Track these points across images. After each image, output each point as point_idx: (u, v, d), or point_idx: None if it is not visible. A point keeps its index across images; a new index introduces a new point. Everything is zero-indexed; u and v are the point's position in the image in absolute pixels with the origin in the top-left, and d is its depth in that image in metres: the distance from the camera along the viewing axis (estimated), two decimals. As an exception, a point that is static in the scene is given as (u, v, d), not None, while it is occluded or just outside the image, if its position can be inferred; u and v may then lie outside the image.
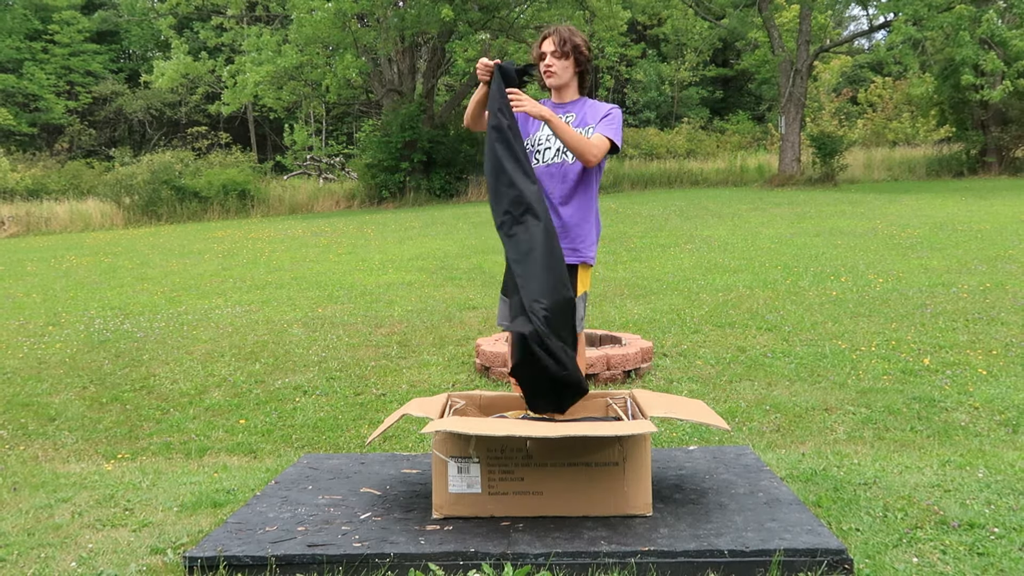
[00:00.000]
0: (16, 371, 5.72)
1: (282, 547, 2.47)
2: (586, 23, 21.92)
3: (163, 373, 5.50)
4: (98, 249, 13.96)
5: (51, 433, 4.51)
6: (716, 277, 7.96)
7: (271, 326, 6.71)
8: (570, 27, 3.29)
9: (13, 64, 31.43)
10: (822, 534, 2.46)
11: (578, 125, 3.24)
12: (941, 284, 7.07)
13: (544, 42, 3.22)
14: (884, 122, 25.41)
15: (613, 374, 4.76)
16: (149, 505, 3.08)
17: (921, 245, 9.32)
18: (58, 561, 2.58)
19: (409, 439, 4.09)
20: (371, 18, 20.99)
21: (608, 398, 3.19)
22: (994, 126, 20.53)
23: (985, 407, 4.14)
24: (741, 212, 13.76)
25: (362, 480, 3.12)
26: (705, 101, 34.40)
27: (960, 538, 2.51)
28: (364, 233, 13.93)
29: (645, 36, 31.73)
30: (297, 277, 9.37)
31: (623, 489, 2.65)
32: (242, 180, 21.11)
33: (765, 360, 5.10)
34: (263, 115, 32.24)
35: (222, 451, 4.10)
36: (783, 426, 4.04)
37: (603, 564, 2.37)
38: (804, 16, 20.44)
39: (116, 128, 34.64)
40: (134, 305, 8.06)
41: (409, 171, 21.12)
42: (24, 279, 10.49)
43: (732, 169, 22.69)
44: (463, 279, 8.59)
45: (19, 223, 19.60)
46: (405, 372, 5.24)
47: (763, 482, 2.95)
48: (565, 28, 3.26)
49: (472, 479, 2.66)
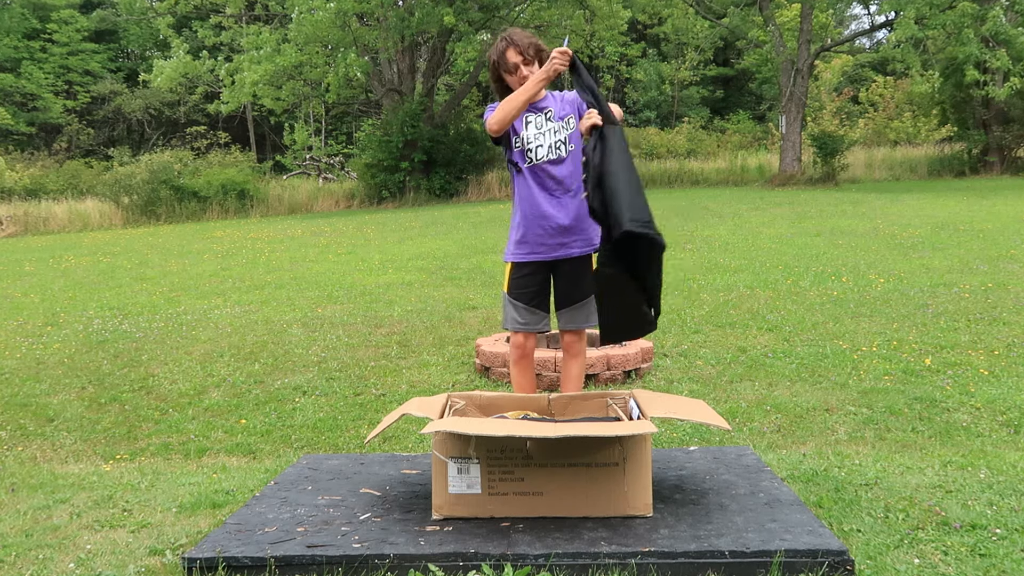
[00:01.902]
0: (14, 371, 5.70)
1: (281, 548, 2.46)
2: (586, 22, 21.92)
3: (162, 373, 5.49)
4: (96, 249, 13.96)
5: (49, 434, 4.50)
6: (717, 277, 7.95)
7: (270, 326, 6.70)
8: (518, 30, 3.35)
9: (11, 63, 31.43)
10: (823, 535, 2.45)
11: (557, 119, 3.28)
12: (943, 284, 7.06)
13: (509, 53, 3.23)
14: (885, 121, 25.41)
15: (613, 374, 4.75)
16: (148, 506, 3.07)
17: (922, 245, 9.31)
18: (56, 562, 2.56)
19: (409, 439, 4.08)
20: (371, 18, 20.98)
21: (608, 398, 3.18)
22: (996, 125, 20.53)
23: (987, 408, 4.12)
24: (742, 212, 13.75)
25: (362, 481, 3.10)
26: (705, 101, 34.40)
27: (962, 539, 2.50)
28: (364, 233, 13.92)
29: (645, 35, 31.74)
30: (296, 277, 9.36)
31: (623, 490, 2.64)
32: (241, 180, 21.11)
33: (766, 360, 5.09)
34: (262, 115, 32.24)
35: (221, 452, 4.09)
36: (784, 426, 4.03)
37: (603, 565, 2.36)
38: (805, 15, 20.44)
39: (115, 128, 34.64)
40: (133, 305, 8.05)
41: (409, 171, 21.11)
42: (22, 279, 10.48)
43: (733, 169, 22.70)
44: (463, 279, 8.58)
45: (17, 223, 19.60)
46: (405, 372, 5.23)
47: (764, 483, 2.93)
48: (518, 34, 3.30)
49: (472, 480, 2.65)
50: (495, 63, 3.28)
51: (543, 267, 3.34)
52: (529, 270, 3.33)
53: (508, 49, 3.22)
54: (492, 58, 3.30)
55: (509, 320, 3.40)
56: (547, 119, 3.29)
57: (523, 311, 3.35)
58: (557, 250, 3.31)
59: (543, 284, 3.36)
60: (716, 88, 35.40)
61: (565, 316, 3.42)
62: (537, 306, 3.37)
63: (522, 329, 3.36)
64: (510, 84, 3.27)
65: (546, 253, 3.31)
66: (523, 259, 3.33)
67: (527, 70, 3.23)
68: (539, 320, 3.38)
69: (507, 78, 3.27)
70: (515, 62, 3.22)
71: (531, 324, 3.35)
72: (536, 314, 3.37)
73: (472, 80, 23.46)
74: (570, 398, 3.20)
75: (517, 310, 3.35)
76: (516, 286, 3.35)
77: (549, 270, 3.36)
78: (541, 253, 3.31)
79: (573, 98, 3.35)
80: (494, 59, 3.28)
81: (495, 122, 3.18)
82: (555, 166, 3.26)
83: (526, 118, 3.29)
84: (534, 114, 3.30)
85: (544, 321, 3.40)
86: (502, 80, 3.30)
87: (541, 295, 3.37)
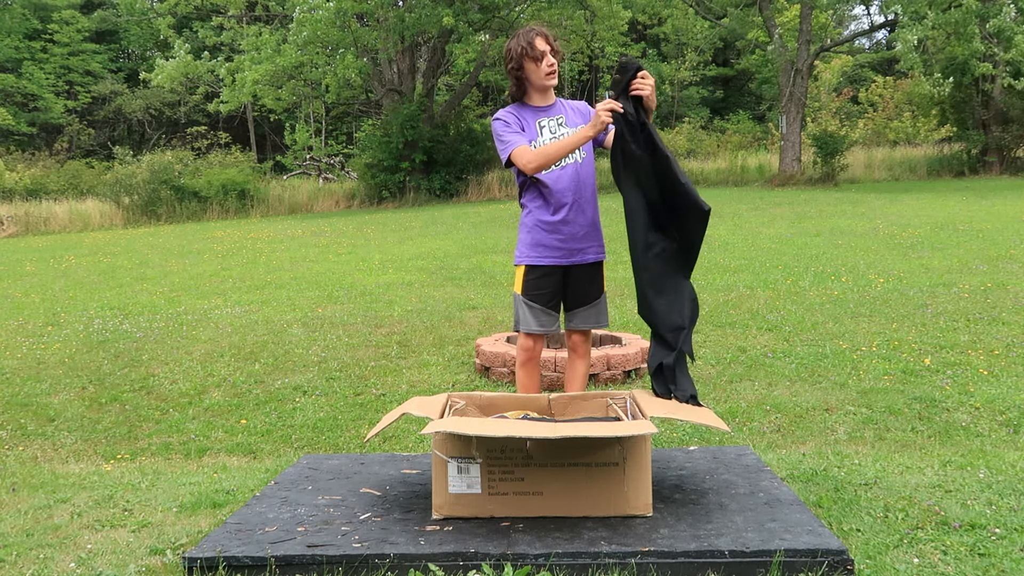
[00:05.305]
0: (15, 371, 5.71)
1: (282, 548, 2.47)
2: (586, 23, 21.92)
3: (162, 373, 5.49)
4: (97, 249, 13.96)
5: (50, 433, 4.50)
6: (716, 277, 7.95)
7: (271, 326, 6.70)
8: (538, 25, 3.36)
9: (12, 64, 31.43)
10: (823, 535, 2.45)
11: (571, 125, 3.29)
12: (942, 284, 7.06)
13: (538, 41, 3.21)
14: (885, 122, 25.39)
15: (613, 374, 4.76)
16: (148, 506, 3.08)
17: (922, 245, 9.31)
18: (57, 562, 2.57)
19: (409, 439, 4.08)
20: (371, 18, 20.98)
21: (608, 398, 3.18)
22: (995, 125, 20.52)
23: (986, 407, 4.13)
24: (741, 212, 13.75)
25: (362, 480, 3.11)
26: (705, 101, 34.38)
27: (961, 539, 2.50)
28: (364, 233, 13.92)
29: (645, 36, 31.76)
30: (297, 277, 9.36)
31: (623, 489, 2.64)
32: (241, 180, 21.10)
33: (766, 360, 5.09)
34: (263, 115, 32.23)
35: (221, 451, 4.09)
36: (784, 426, 4.03)
37: (603, 564, 2.36)
38: (805, 16, 20.44)
39: (115, 128, 34.64)
40: (133, 305, 8.05)
41: (409, 171, 21.11)
42: (23, 279, 10.49)
43: (732, 169, 22.68)
44: (463, 279, 8.58)
45: (18, 223, 19.60)
46: (405, 372, 5.24)
47: (763, 482, 2.94)
48: (544, 26, 3.28)
49: (472, 479, 2.65)
50: (522, 50, 3.20)
51: (557, 269, 3.32)
52: (543, 272, 3.32)
53: (537, 37, 3.20)
54: (518, 46, 3.22)
55: (524, 323, 3.35)
56: (559, 124, 3.29)
57: (540, 313, 3.32)
58: (572, 255, 3.30)
59: (557, 286, 3.34)
60: (716, 88, 35.39)
61: (577, 317, 3.41)
62: (553, 308, 3.37)
63: (539, 332, 3.34)
64: (530, 74, 3.23)
65: (561, 258, 3.30)
66: (537, 262, 3.30)
67: (553, 60, 3.23)
68: (553, 322, 3.38)
69: (530, 67, 3.21)
70: (543, 49, 3.20)
71: (547, 326, 3.35)
72: (551, 316, 3.36)
73: (472, 80, 23.44)
74: (570, 398, 3.21)
75: (533, 312, 3.32)
76: (531, 287, 3.32)
77: (563, 273, 3.35)
78: (556, 258, 3.29)
79: (584, 108, 3.36)
80: (522, 46, 3.20)
81: (534, 166, 3.14)
82: (570, 172, 3.26)
83: (539, 123, 3.28)
84: (547, 119, 3.29)
85: (556, 323, 3.41)
86: (522, 70, 3.23)
87: (556, 297, 3.36)
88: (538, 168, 3.16)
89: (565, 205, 3.24)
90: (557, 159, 3.16)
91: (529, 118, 3.28)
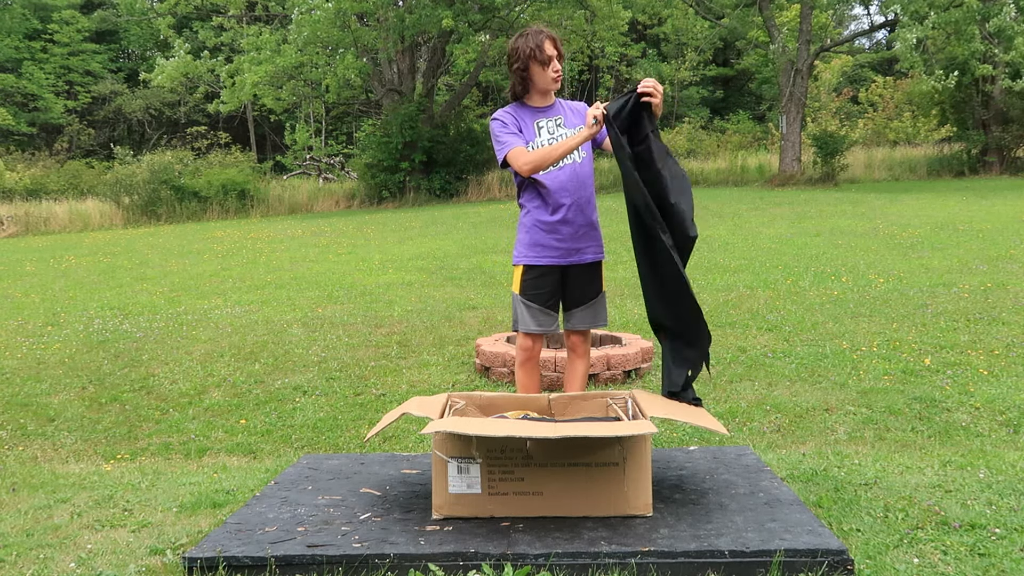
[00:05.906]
0: (15, 371, 5.71)
1: (282, 548, 2.47)
2: (586, 23, 21.92)
3: (162, 373, 5.49)
4: (97, 249, 13.96)
5: (50, 433, 4.50)
6: (716, 277, 7.95)
7: (271, 326, 6.70)
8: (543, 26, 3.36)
9: (12, 64, 31.43)
10: (823, 535, 2.45)
11: (569, 126, 3.29)
12: (942, 284, 7.06)
13: (547, 45, 3.21)
14: (885, 122, 25.39)
15: (613, 374, 4.76)
16: (148, 506, 3.08)
17: (922, 245, 9.31)
18: (57, 562, 2.57)
19: (409, 439, 4.08)
20: (371, 18, 20.98)
21: (608, 398, 3.18)
22: (995, 125, 20.51)
23: (986, 407, 4.13)
24: (741, 212, 13.75)
25: (362, 480, 3.11)
26: (705, 101, 34.39)
27: (961, 539, 2.50)
28: (364, 233, 13.92)
29: (645, 36, 31.75)
30: (297, 277, 9.36)
31: (623, 489, 2.64)
32: (241, 180, 21.10)
33: (766, 360, 5.09)
34: (263, 115, 32.23)
35: (221, 451, 4.09)
36: (784, 426, 4.03)
37: (603, 564, 2.36)
38: (805, 15, 20.44)
39: (115, 128, 34.64)
40: (133, 305, 8.05)
41: (409, 171, 21.11)
42: (23, 279, 10.49)
43: (732, 169, 22.67)
44: (463, 279, 8.58)
45: (18, 223, 19.60)
46: (405, 372, 5.24)
47: (763, 482, 2.94)
48: (549, 29, 3.29)
49: (472, 479, 2.65)
50: (531, 52, 3.19)
51: (555, 269, 3.32)
52: (542, 272, 3.32)
53: (546, 41, 3.20)
54: (526, 47, 3.21)
55: (523, 322, 3.35)
56: (558, 125, 3.29)
57: (538, 313, 3.32)
58: (571, 255, 3.30)
59: (556, 286, 3.34)
60: (716, 88, 35.39)
61: (575, 317, 3.41)
62: (551, 308, 3.36)
63: (538, 332, 3.34)
64: (535, 77, 3.23)
65: (559, 258, 3.30)
66: (535, 262, 3.30)
67: (558, 64, 3.24)
68: (552, 322, 3.37)
69: (536, 70, 3.22)
70: (551, 54, 3.20)
71: (546, 325, 3.35)
72: (550, 315, 3.36)
73: (472, 80, 23.44)
74: (570, 398, 3.21)
75: (531, 312, 3.32)
76: (529, 287, 3.32)
77: (561, 273, 3.35)
78: (554, 258, 3.29)
79: (583, 108, 3.36)
80: (531, 47, 3.19)
81: (529, 168, 3.16)
82: (568, 173, 3.26)
83: (538, 123, 3.28)
84: (546, 119, 3.29)
85: (555, 323, 3.40)
86: (528, 71, 3.23)
87: (555, 297, 3.36)
88: (533, 170, 3.17)
89: (563, 205, 3.24)
90: (553, 161, 3.16)
91: (527, 118, 3.28)
